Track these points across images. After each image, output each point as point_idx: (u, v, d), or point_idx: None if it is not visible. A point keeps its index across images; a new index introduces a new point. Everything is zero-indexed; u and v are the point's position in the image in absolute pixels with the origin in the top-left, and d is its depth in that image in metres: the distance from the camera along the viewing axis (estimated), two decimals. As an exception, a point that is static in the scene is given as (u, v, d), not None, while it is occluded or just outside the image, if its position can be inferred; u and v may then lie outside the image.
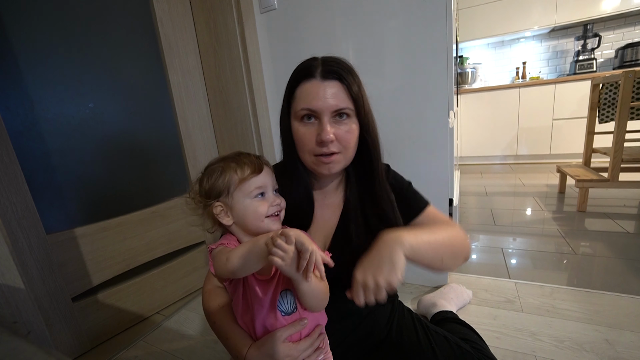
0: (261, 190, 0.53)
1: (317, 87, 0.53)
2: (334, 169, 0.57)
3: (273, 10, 1.19)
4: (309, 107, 0.54)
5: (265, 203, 0.53)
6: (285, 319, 0.52)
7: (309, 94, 0.54)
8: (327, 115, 0.54)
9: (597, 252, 1.35)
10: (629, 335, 0.87)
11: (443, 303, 0.98)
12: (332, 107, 0.53)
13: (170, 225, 1.23)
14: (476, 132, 3.28)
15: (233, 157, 0.55)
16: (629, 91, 1.62)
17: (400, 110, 1.07)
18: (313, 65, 0.55)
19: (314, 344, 0.53)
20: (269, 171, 0.55)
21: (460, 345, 0.66)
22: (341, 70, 0.54)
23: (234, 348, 0.54)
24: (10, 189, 0.84)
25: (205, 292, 0.61)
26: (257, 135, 1.25)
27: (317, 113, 0.54)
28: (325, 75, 0.54)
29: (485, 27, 3.23)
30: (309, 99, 0.54)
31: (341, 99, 0.54)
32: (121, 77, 1.08)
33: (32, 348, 0.30)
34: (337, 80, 0.54)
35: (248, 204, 0.52)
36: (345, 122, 0.55)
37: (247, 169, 0.52)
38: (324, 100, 0.53)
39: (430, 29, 0.97)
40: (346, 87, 0.54)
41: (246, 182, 0.52)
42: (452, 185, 1.10)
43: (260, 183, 0.53)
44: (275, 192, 0.56)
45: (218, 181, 0.53)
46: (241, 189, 0.52)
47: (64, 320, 0.97)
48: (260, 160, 0.55)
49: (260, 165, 0.54)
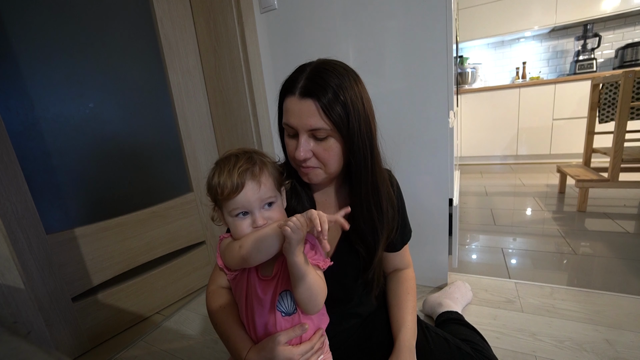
0: (241, 210, 0.49)
1: (294, 104, 0.52)
2: (313, 179, 0.58)
3: (273, 10, 1.19)
4: (287, 123, 0.55)
5: (246, 222, 0.49)
6: (285, 319, 0.51)
7: (288, 111, 0.54)
8: (304, 134, 0.53)
9: (597, 252, 1.35)
10: (629, 335, 0.87)
11: (449, 303, 0.98)
12: (305, 126, 0.52)
13: (170, 225, 1.23)
14: (476, 132, 3.28)
15: (222, 164, 0.50)
16: (629, 91, 1.62)
17: (400, 110, 1.07)
18: (297, 78, 0.53)
19: (314, 348, 0.53)
20: (253, 187, 0.48)
21: (460, 347, 0.66)
22: (321, 89, 0.50)
23: (234, 350, 0.54)
24: (10, 189, 0.84)
25: (209, 293, 0.61)
26: (257, 135, 1.25)
27: (295, 130, 0.54)
28: (303, 94, 0.51)
29: (485, 27, 3.23)
30: (287, 115, 0.54)
31: (316, 119, 0.51)
32: (121, 77, 1.08)
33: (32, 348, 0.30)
34: (313, 99, 0.50)
35: (230, 222, 0.51)
36: (324, 141, 0.53)
37: (225, 187, 0.47)
38: (299, 119, 0.52)
39: (430, 29, 0.97)
40: (322, 107, 0.50)
41: (226, 202, 0.49)
42: (452, 185, 1.10)
43: (238, 204, 0.48)
44: (268, 205, 0.51)
45: (211, 187, 0.51)
46: (224, 205, 0.50)
47: (64, 320, 0.97)
48: (244, 176, 0.48)
49: (241, 185, 0.47)
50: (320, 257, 0.53)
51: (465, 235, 1.65)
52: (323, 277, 0.52)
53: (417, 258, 1.19)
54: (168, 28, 1.17)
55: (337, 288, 0.55)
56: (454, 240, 1.16)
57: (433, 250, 1.16)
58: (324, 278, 0.52)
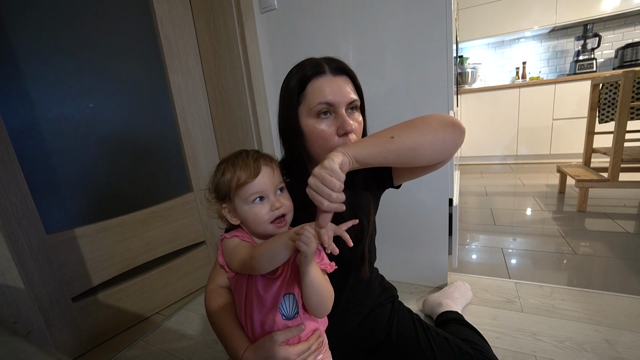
0: (258, 195, 0.51)
1: (331, 82, 0.55)
2: None
3: (273, 10, 1.19)
4: (326, 101, 0.54)
5: (265, 207, 0.51)
6: (285, 323, 0.51)
7: (325, 89, 0.55)
8: (342, 108, 0.55)
9: (597, 252, 1.35)
10: (629, 335, 0.87)
11: (449, 303, 0.98)
12: (347, 99, 0.56)
13: (170, 225, 1.23)
14: (476, 132, 3.28)
15: (232, 159, 0.53)
16: (629, 91, 1.62)
17: (400, 110, 1.07)
18: (319, 63, 0.57)
19: (311, 348, 0.53)
20: (268, 172, 0.52)
21: (460, 347, 0.66)
22: (348, 68, 0.58)
23: (231, 349, 0.54)
24: (10, 189, 0.84)
25: (208, 292, 0.61)
26: (257, 135, 1.25)
27: (334, 107, 0.55)
28: (336, 71, 0.57)
29: (485, 27, 3.23)
30: (325, 94, 0.54)
31: (353, 92, 0.57)
32: (121, 77, 1.08)
33: (32, 348, 0.30)
34: (346, 75, 0.58)
35: (247, 210, 0.51)
36: (356, 115, 0.58)
37: (242, 173, 0.50)
38: (340, 94, 0.55)
39: (430, 29, 0.97)
40: (354, 82, 0.58)
41: (242, 189, 0.50)
42: (452, 185, 1.10)
43: (256, 189, 0.50)
44: (280, 191, 0.54)
45: (219, 184, 0.53)
46: (239, 195, 0.51)
47: (64, 320, 0.97)
48: (259, 161, 0.52)
49: (257, 168, 0.51)
50: (326, 261, 0.54)
51: (465, 235, 1.65)
52: (329, 280, 0.53)
53: (417, 258, 1.19)
54: (168, 28, 1.17)
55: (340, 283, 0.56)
56: (454, 240, 1.16)
57: (433, 250, 1.16)
58: (329, 281, 0.53)
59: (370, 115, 0.66)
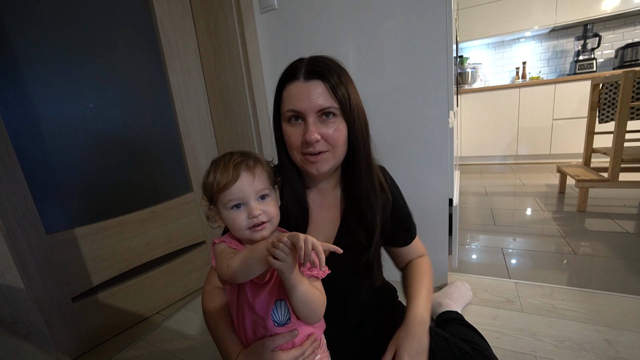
0: (236, 202, 0.49)
1: (301, 88, 0.53)
2: (322, 168, 0.57)
3: (273, 10, 1.19)
4: (293, 109, 0.54)
5: (243, 214, 0.49)
6: (277, 329, 0.50)
7: (293, 96, 0.54)
8: (311, 116, 0.53)
9: (597, 252, 1.35)
10: (629, 335, 0.87)
11: (448, 303, 0.98)
12: (315, 107, 0.53)
13: (170, 225, 1.23)
14: (476, 132, 3.28)
15: (217, 161, 0.52)
16: (629, 91, 1.62)
17: (400, 110, 1.07)
18: (298, 66, 0.55)
19: (305, 353, 0.52)
20: (247, 178, 0.49)
21: (460, 347, 0.66)
22: (325, 70, 0.53)
23: (224, 352, 0.54)
24: (10, 189, 0.84)
25: (205, 293, 0.61)
26: (257, 135, 1.25)
27: (302, 114, 0.54)
28: (308, 76, 0.53)
29: (485, 27, 3.23)
30: (293, 101, 0.54)
31: (325, 98, 0.53)
32: (121, 77, 1.08)
33: (32, 348, 0.30)
34: (320, 80, 0.53)
35: (226, 215, 0.50)
36: (332, 121, 0.55)
37: (222, 178, 0.48)
38: (307, 101, 0.53)
39: (430, 29, 0.97)
40: (330, 86, 0.53)
41: (221, 194, 0.49)
42: (452, 185, 1.10)
43: (234, 195, 0.49)
44: (262, 198, 0.51)
45: (205, 186, 0.52)
46: (220, 200, 0.50)
47: (63, 320, 0.97)
48: (239, 167, 0.49)
49: (236, 174, 0.49)
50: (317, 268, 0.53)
51: (465, 235, 1.65)
52: (321, 286, 0.52)
53: (417, 258, 1.19)
54: (168, 28, 1.17)
55: (337, 281, 0.55)
56: (454, 240, 1.16)
57: (433, 250, 1.16)
58: (321, 287, 0.52)
59: (370, 115, 0.66)
